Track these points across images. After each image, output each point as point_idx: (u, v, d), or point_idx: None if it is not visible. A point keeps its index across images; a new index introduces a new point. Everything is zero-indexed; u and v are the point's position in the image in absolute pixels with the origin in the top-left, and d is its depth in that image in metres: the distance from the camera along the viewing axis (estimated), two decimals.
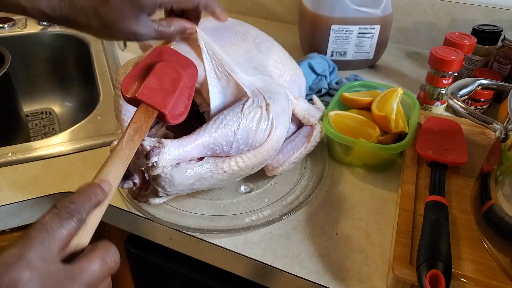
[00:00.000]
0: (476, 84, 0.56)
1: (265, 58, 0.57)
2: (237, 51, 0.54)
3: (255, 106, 0.48)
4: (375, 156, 0.60)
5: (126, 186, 0.49)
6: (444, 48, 0.71)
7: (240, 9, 1.19)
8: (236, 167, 0.48)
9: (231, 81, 0.49)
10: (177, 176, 0.45)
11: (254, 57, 0.55)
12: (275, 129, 0.50)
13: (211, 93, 0.48)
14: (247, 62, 0.54)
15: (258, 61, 0.55)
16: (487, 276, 0.43)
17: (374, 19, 0.83)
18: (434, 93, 0.72)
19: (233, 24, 0.59)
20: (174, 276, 0.62)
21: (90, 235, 0.33)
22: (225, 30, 0.57)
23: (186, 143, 0.45)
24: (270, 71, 0.57)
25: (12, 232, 0.62)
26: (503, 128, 0.46)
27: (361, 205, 0.56)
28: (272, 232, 0.52)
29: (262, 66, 0.56)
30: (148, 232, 0.56)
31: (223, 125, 0.46)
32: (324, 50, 0.87)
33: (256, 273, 0.50)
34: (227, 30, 0.57)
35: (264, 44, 0.59)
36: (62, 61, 1.09)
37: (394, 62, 0.95)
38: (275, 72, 0.58)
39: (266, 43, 0.59)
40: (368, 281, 0.46)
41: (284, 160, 0.56)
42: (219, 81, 0.49)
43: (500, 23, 0.87)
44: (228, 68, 0.48)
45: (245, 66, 0.53)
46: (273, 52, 0.59)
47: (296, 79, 0.61)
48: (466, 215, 0.50)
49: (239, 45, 0.54)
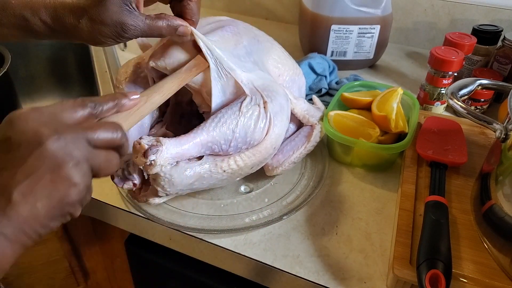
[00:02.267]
0: (476, 84, 0.55)
1: (264, 57, 0.57)
2: (237, 46, 0.53)
3: (253, 104, 0.48)
4: (375, 156, 0.60)
5: (126, 187, 0.49)
6: (444, 48, 0.71)
7: (240, 9, 1.19)
8: (235, 166, 0.48)
9: (231, 79, 0.49)
10: (177, 176, 0.45)
11: (254, 52, 0.55)
12: (273, 127, 0.50)
13: (213, 92, 0.48)
14: (247, 55, 0.53)
15: (258, 57, 0.55)
16: (487, 276, 0.43)
17: (374, 19, 0.83)
18: (434, 93, 0.72)
19: (232, 23, 0.59)
20: (174, 276, 0.62)
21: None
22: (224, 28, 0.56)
23: (184, 142, 0.45)
24: (269, 70, 0.57)
25: None
26: (503, 128, 0.46)
27: (361, 205, 0.56)
28: (272, 232, 0.52)
29: (261, 62, 0.55)
30: (148, 232, 0.56)
31: (221, 123, 0.46)
32: (324, 50, 0.87)
33: (256, 273, 0.50)
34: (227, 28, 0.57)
35: (264, 44, 0.59)
36: (62, 61, 1.09)
37: (394, 62, 0.95)
38: (275, 71, 0.58)
39: (266, 43, 0.59)
40: (368, 281, 0.46)
41: (284, 160, 0.56)
42: (219, 80, 0.48)
43: (500, 23, 0.87)
44: (227, 67, 0.48)
45: (245, 59, 0.52)
46: (272, 52, 0.59)
47: (296, 79, 0.61)
48: (466, 215, 0.50)
49: (238, 41, 0.54)
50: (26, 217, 0.28)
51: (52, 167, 0.29)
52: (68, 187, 0.30)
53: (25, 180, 0.28)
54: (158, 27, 0.43)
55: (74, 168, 0.30)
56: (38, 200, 0.29)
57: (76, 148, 0.31)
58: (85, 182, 0.31)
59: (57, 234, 0.65)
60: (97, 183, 0.58)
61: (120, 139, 0.34)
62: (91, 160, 0.32)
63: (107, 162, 0.34)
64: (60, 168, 0.30)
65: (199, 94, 0.51)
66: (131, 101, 0.38)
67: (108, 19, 0.40)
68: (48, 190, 0.29)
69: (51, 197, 0.29)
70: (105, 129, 0.34)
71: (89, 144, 0.32)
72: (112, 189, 0.58)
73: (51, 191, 0.29)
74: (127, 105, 0.38)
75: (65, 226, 0.66)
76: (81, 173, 0.31)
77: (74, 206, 0.31)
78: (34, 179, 0.29)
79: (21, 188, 0.28)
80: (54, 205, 0.30)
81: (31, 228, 0.29)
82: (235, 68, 0.49)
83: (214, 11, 1.21)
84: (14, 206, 0.28)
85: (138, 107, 0.39)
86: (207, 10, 1.21)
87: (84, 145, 0.32)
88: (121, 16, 0.41)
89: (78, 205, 0.32)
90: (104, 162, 0.33)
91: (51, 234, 0.64)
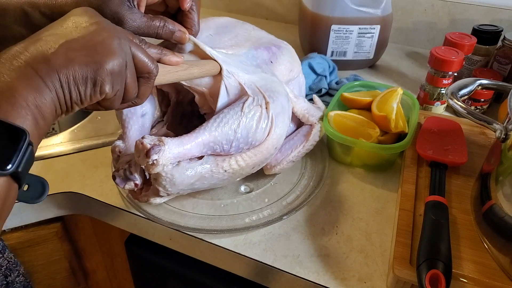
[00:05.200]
0: (476, 84, 0.56)
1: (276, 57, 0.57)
2: (239, 50, 0.54)
3: (255, 104, 0.48)
4: (375, 156, 0.60)
5: (127, 187, 0.49)
6: (444, 48, 0.71)
7: (240, 9, 1.19)
8: (237, 166, 0.48)
9: (234, 81, 0.49)
10: (178, 176, 0.45)
11: (258, 56, 0.55)
12: (275, 127, 0.50)
13: (221, 95, 0.48)
14: (250, 59, 0.54)
15: (262, 60, 0.55)
16: (487, 276, 0.43)
17: (374, 19, 0.83)
18: (434, 93, 0.72)
19: (235, 25, 0.59)
20: (174, 276, 0.62)
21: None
22: (227, 31, 0.57)
23: (187, 141, 0.45)
24: (277, 69, 0.57)
25: (12, 232, 0.62)
26: (503, 128, 0.46)
27: (361, 205, 0.56)
28: (272, 232, 0.52)
29: (265, 64, 0.56)
30: (148, 232, 0.56)
31: (223, 123, 0.46)
32: (324, 50, 0.87)
33: (256, 273, 0.50)
34: (230, 31, 0.57)
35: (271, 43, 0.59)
36: None
37: (394, 62, 0.95)
38: (287, 67, 0.58)
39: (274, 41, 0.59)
40: (368, 281, 0.46)
41: (282, 159, 0.56)
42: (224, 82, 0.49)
43: (500, 23, 0.87)
44: (230, 69, 0.49)
45: (247, 63, 0.53)
46: (283, 51, 0.59)
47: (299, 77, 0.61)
48: (466, 215, 0.50)
49: (241, 45, 0.54)
50: (61, 64, 0.31)
51: (99, 35, 0.33)
52: (107, 53, 0.33)
53: (75, 36, 0.33)
54: (155, 26, 0.44)
55: (117, 44, 0.34)
56: (78, 52, 0.32)
57: (123, 36, 0.35)
58: (122, 61, 0.34)
59: (57, 234, 0.65)
60: (97, 183, 0.59)
61: (152, 68, 0.38)
62: (128, 58, 0.35)
63: (133, 78, 0.37)
64: (106, 38, 0.33)
65: (202, 96, 0.51)
66: (174, 57, 0.42)
67: (107, 9, 0.41)
68: (88, 50, 0.32)
69: (89, 55, 0.32)
70: (146, 53, 0.37)
71: (131, 49, 0.36)
72: (112, 189, 0.58)
73: (91, 51, 0.32)
74: (170, 60, 0.42)
75: (65, 226, 0.66)
76: (120, 52, 0.34)
77: (107, 75, 0.33)
78: (83, 39, 0.33)
79: (69, 43, 0.32)
80: (90, 64, 0.32)
81: (65, 78, 0.31)
82: (237, 71, 0.49)
83: (214, 11, 1.21)
84: (55, 54, 0.31)
85: (177, 70, 0.42)
86: (208, 10, 1.21)
87: (128, 45, 0.35)
88: (120, 9, 0.41)
89: (110, 77, 0.34)
90: (131, 75, 0.36)
91: (51, 234, 0.64)
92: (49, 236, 0.65)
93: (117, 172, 0.49)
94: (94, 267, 0.76)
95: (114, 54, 0.33)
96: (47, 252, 0.67)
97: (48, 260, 0.68)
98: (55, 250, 0.67)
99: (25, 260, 0.65)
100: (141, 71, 0.37)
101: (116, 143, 0.51)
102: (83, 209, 0.60)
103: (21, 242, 0.63)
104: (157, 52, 0.41)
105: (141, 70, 0.37)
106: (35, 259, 0.67)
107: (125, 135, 0.51)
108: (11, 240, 0.62)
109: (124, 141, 0.51)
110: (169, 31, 0.45)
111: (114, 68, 0.34)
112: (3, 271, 0.55)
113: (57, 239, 0.66)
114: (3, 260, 0.55)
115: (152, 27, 0.44)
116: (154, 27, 0.44)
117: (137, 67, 0.37)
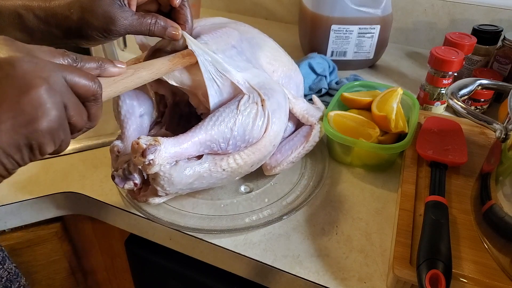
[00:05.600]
0: (476, 84, 0.55)
1: (257, 54, 0.57)
2: (228, 46, 0.53)
3: (250, 102, 0.48)
4: (375, 156, 0.60)
5: (127, 187, 0.49)
6: (444, 48, 0.71)
7: (240, 9, 1.19)
8: (235, 165, 0.48)
9: (226, 80, 0.49)
10: (176, 175, 0.45)
11: (245, 50, 0.55)
12: (271, 124, 0.50)
13: (210, 94, 0.48)
14: (239, 54, 0.53)
15: (250, 55, 0.55)
16: (487, 276, 0.43)
17: (374, 19, 0.83)
18: (434, 93, 0.72)
19: (226, 23, 0.59)
20: (174, 276, 0.62)
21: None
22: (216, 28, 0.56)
23: (183, 141, 0.45)
24: (263, 67, 0.56)
25: (12, 232, 0.62)
26: (503, 128, 0.46)
27: (361, 205, 0.56)
28: (272, 232, 0.52)
29: (255, 59, 0.55)
30: (148, 232, 0.56)
31: (219, 122, 0.46)
32: (324, 50, 0.87)
33: (256, 273, 0.50)
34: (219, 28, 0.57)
35: (255, 40, 0.58)
36: None
37: (394, 62, 0.95)
38: (269, 68, 0.57)
39: (257, 39, 0.59)
40: (368, 281, 0.46)
41: (282, 160, 0.56)
42: (215, 82, 0.49)
43: (500, 23, 0.87)
44: (222, 69, 0.48)
45: (237, 59, 0.52)
46: (265, 48, 0.58)
47: (292, 75, 0.61)
48: (466, 215, 0.50)
49: (229, 40, 0.54)
50: None
51: (20, 88, 0.27)
52: (37, 111, 0.28)
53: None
54: (147, 23, 0.44)
55: (46, 93, 0.28)
56: (2, 122, 0.27)
57: (50, 74, 0.29)
58: (58, 112, 0.29)
59: (57, 234, 0.65)
60: (97, 183, 0.59)
61: (96, 89, 0.33)
62: (65, 96, 0.30)
63: (79, 111, 0.32)
64: (30, 89, 0.27)
65: (195, 96, 0.51)
66: (115, 68, 0.38)
67: (99, 9, 0.41)
68: (14, 112, 0.27)
69: (16, 119, 0.27)
70: (84, 74, 0.32)
71: (65, 80, 0.30)
72: (112, 189, 0.58)
73: (17, 113, 0.27)
74: (111, 71, 0.38)
75: (65, 226, 0.66)
76: (53, 100, 0.28)
77: (43, 137, 0.29)
78: (3, 100, 0.27)
79: None
80: (19, 130, 0.27)
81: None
82: (230, 69, 0.49)
83: (214, 11, 1.21)
84: None
85: (123, 77, 0.39)
86: (207, 10, 1.21)
87: (60, 78, 0.29)
88: (111, 9, 0.41)
89: (48, 137, 0.29)
90: (76, 109, 0.31)
91: (51, 234, 0.64)
92: (48, 236, 0.65)
93: (116, 172, 0.49)
94: (94, 267, 0.76)
95: (46, 109, 0.28)
96: (47, 252, 0.67)
97: (47, 260, 0.68)
98: (54, 250, 0.67)
99: (25, 260, 0.65)
100: (85, 96, 0.33)
101: (115, 143, 0.51)
102: (83, 209, 0.60)
103: (21, 242, 0.63)
104: (96, 67, 0.36)
105: (84, 95, 0.33)
106: (34, 259, 0.67)
107: (123, 135, 0.51)
108: (11, 240, 0.62)
109: (122, 141, 0.51)
110: (161, 27, 0.45)
111: (51, 125, 0.29)
112: (4, 282, 0.55)
113: (56, 239, 0.66)
114: (4, 272, 0.55)
115: (144, 24, 0.44)
116: (146, 24, 0.44)
117: (79, 94, 0.32)
